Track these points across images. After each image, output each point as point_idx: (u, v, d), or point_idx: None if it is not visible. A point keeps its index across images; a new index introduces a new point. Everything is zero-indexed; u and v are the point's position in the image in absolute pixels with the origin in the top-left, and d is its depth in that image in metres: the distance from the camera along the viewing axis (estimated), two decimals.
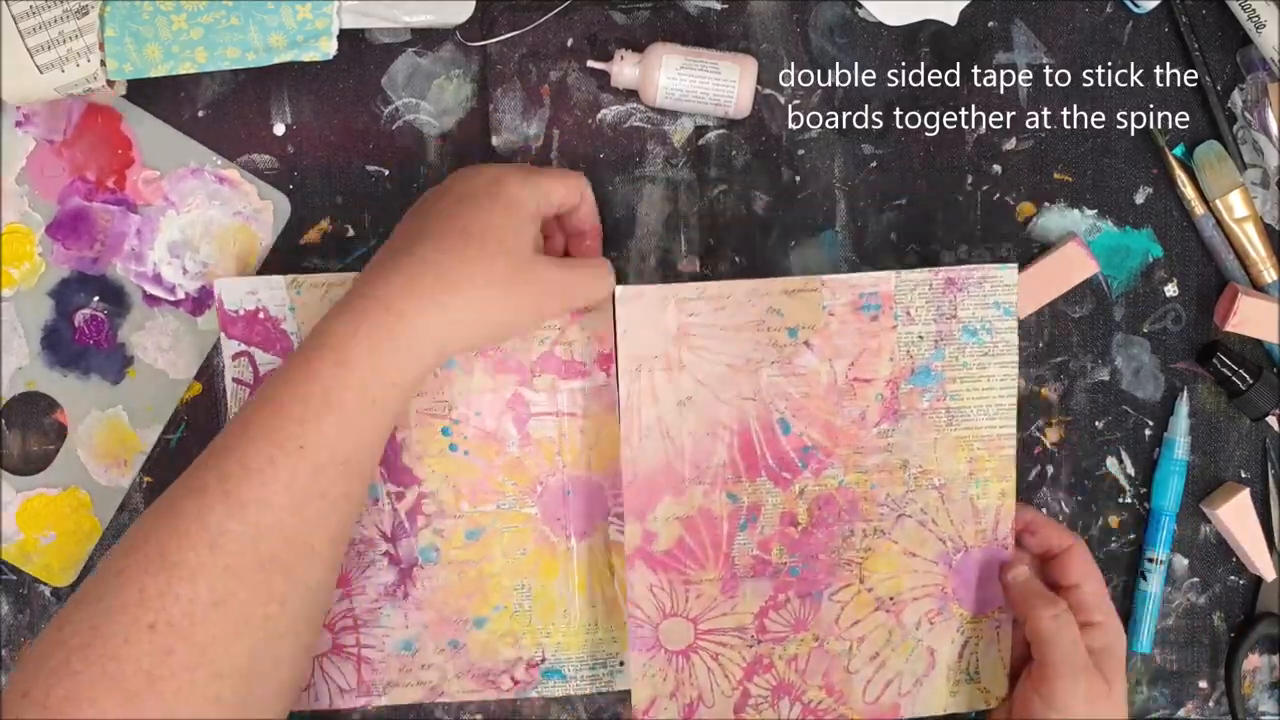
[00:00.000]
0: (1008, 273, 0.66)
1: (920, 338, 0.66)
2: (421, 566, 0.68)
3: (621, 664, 0.70)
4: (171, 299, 0.69)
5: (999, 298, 0.66)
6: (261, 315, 0.67)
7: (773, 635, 0.68)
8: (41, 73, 0.61)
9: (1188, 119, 0.70)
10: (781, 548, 0.67)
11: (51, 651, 0.53)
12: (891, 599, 0.68)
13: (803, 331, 0.65)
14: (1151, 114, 0.70)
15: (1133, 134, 0.70)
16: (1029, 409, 0.71)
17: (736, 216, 0.70)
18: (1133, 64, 0.70)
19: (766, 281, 0.65)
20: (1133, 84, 0.70)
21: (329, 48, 0.64)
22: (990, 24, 0.70)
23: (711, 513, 0.67)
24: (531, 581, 0.69)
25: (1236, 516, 0.71)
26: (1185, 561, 0.72)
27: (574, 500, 0.69)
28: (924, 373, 0.66)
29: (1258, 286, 0.70)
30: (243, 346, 0.67)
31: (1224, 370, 0.70)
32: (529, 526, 0.68)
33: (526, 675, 0.69)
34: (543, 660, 0.69)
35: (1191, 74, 0.70)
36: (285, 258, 0.69)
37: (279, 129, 0.69)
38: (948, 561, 0.67)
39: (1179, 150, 0.70)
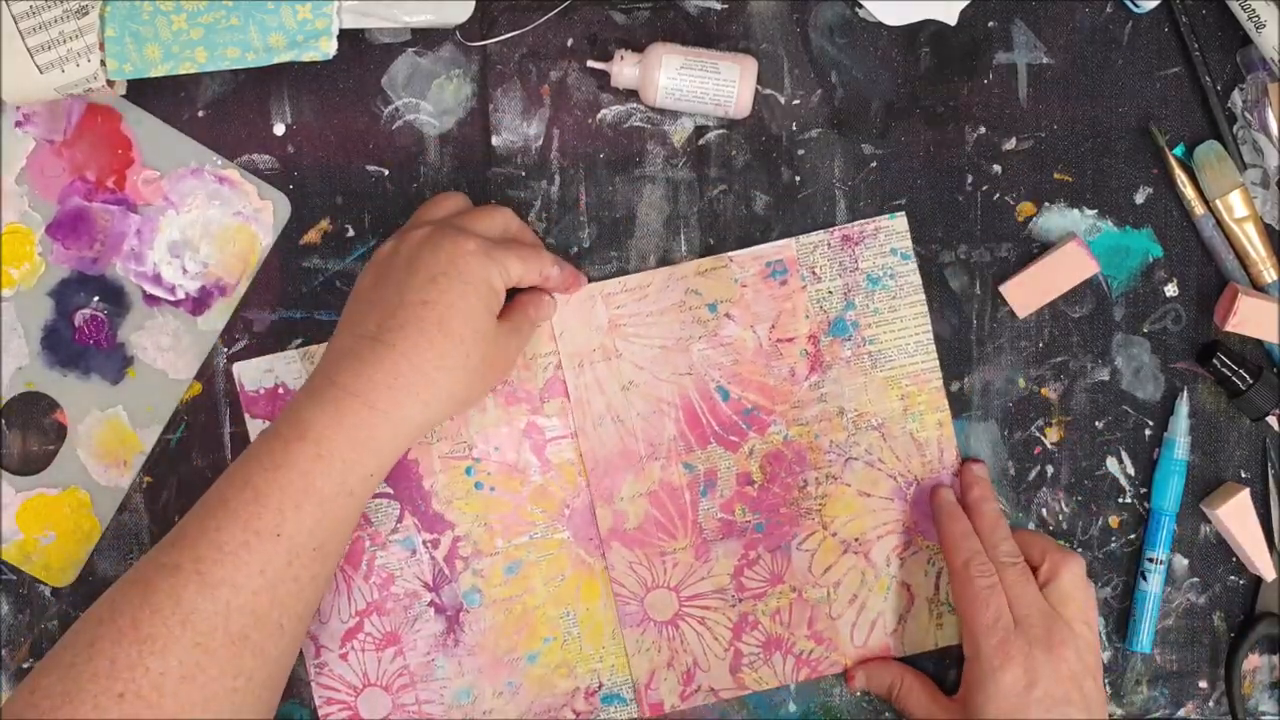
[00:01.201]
0: (898, 220, 0.69)
1: (830, 293, 0.69)
2: (467, 610, 0.69)
3: None
4: (171, 299, 0.69)
5: (894, 244, 0.69)
6: (281, 390, 0.68)
7: (752, 592, 0.70)
8: (41, 73, 0.61)
9: (1188, 119, 0.70)
10: (743, 507, 0.70)
11: (23, 712, 0.54)
12: (857, 540, 0.70)
13: (721, 305, 0.69)
14: (1152, 114, 0.70)
15: (1133, 134, 0.70)
16: (1029, 409, 0.71)
17: (736, 216, 0.70)
18: (1133, 64, 0.70)
19: (679, 266, 0.69)
20: (1133, 84, 0.70)
21: (329, 48, 0.64)
22: (990, 24, 0.70)
23: (672, 484, 0.69)
24: (576, 608, 0.69)
25: (1236, 516, 0.70)
26: (1185, 561, 0.72)
27: None
28: (839, 324, 0.69)
29: (1258, 286, 0.70)
30: (269, 424, 0.67)
31: (1224, 370, 0.70)
32: (563, 551, 0.69)
33: (587, 705, 0.70)
34: (600, 687, 0.70)
35: (1192, 74, 0.70)
36: (285, 258, 0.69)
37: (279, 129, 0.69)
38: (902, 496, 0.70)
39: (1179, 150, 0.70)
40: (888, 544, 0.70)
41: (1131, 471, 0.71)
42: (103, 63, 0.62)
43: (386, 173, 0.69)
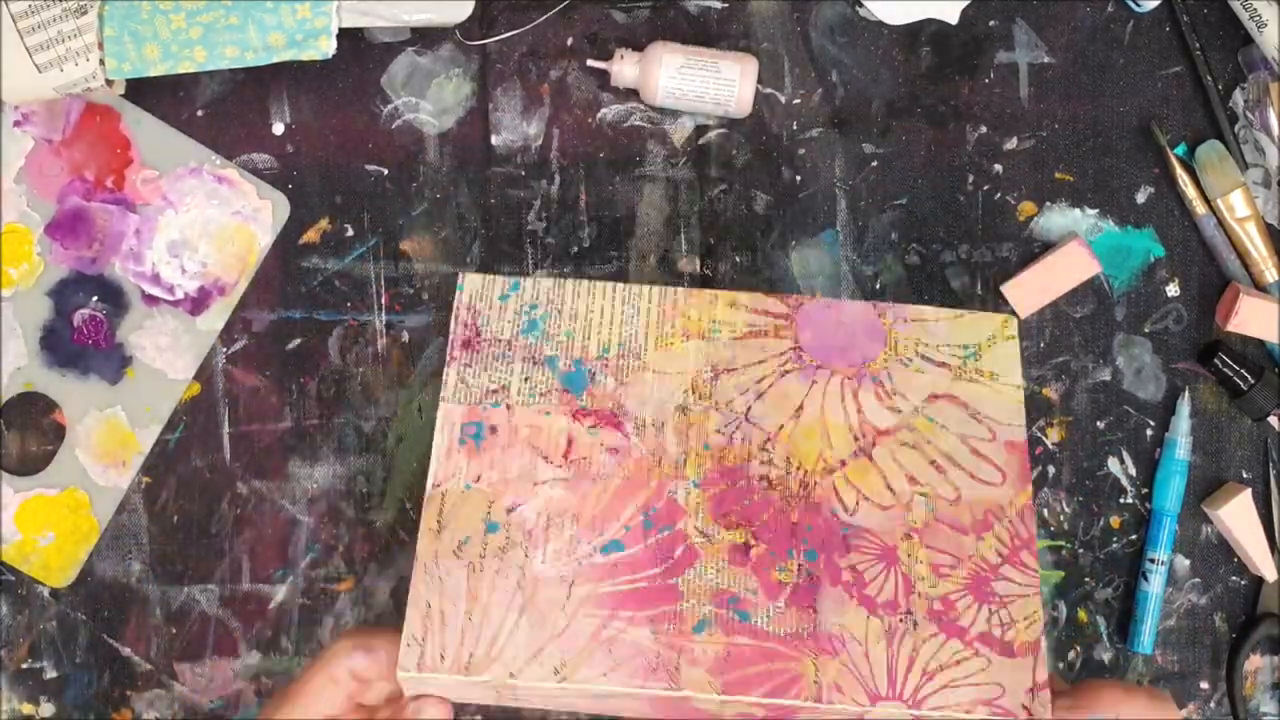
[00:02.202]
0: None
1: None
2: None
3: None
4: (170, 299, 0.68)
5: None
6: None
7: None
8: (40, 72, 0.61)
9: (1189, 118, 0.70)
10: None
11: None
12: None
13: None
14: (1153, 113, 0.70)
15: (1134, 133, 0.70)
16: (1030, 409, 0.71)
17: (737, 216, 0.70)
18: (1134, 63, 0.70)
19: None
20: (1134, 83, 0.70)
21: (328, 47, 0.64)
22: (991, 23, 0.69)
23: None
24: None
25: (1238, 517, 0.70)
26: (1187, 562, 0.72)
27: None
28: None
29: (1259, 286, 0.70)
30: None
31: (1225, 370, 0.69)
32: None
33: None
34: None
35: (1193, 73, 0.70)
36: (284, 257, 0.69)
37: (278, 128, 0.69)
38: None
39: (1180, 149, 0.70)
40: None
41: (1133, 472, 0.71)
42: (101, 62, 0.62)
43: (386, 172, 0.69)
